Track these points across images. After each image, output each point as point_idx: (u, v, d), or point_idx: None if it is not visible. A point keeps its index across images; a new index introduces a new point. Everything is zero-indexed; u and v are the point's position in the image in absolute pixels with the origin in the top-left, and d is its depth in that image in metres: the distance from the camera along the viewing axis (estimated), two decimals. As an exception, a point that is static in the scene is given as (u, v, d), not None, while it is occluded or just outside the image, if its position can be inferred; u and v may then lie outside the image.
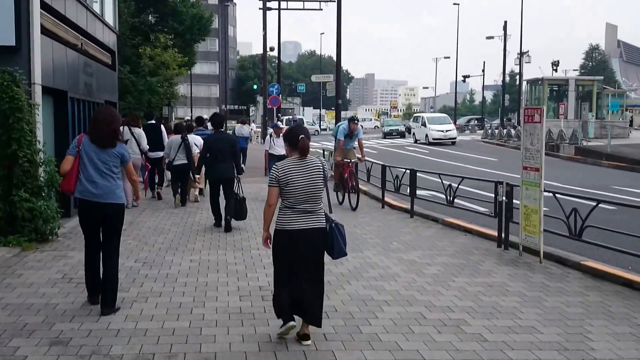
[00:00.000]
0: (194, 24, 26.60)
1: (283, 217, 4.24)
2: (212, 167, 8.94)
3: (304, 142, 4.21)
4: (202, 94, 69.91)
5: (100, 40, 12.60)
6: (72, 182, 4.92)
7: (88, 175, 4.87)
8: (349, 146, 11.82)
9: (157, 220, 9.67)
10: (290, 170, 4.19)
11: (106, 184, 4.88)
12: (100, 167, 4.89)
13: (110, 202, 4.91)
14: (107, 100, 13.09)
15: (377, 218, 10.30)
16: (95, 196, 4.86)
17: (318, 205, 4.28)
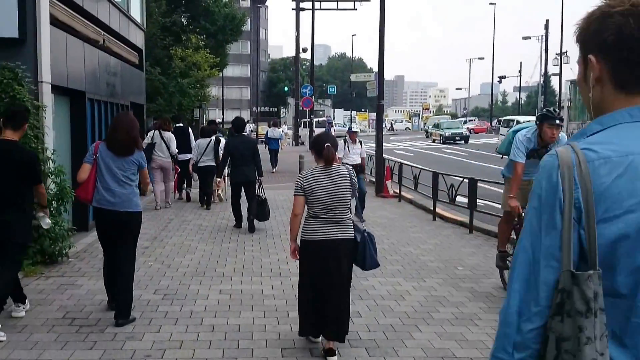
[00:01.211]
0: (226, 24, 25.72)
1: (308, 227, 4.15)
2: (234, 170, 9.02)
3: (329, 151, 4.11)
4: (234, 96, 69.43)
5: (125, 38, 11.64)
6: (89, 190, 4.80)
7: (105, 183, 4.76)
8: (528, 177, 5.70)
9: (184, 236, 8.58)
10: (316, 179, 4.10)
11: (123, 191, 4.78)
12: (118, 175, 4.78)
13: (128, 211, 4.80)
14: (133, 102, 12.13)
15: (431, 233, 9.00)
16: (113, 204, 4.75)
17: (345, 215, 4.12)
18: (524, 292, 1.22)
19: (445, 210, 10.54)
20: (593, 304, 1.14)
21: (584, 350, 1.13)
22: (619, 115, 1.24)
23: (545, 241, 1.20)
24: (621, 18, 1.20)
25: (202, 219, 10.16)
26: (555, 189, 1.19)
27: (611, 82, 1.25)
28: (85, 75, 8.88)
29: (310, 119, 30.33)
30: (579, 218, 1.17)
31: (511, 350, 1.23)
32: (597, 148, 1.19)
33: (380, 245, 7.57)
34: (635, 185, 1.15)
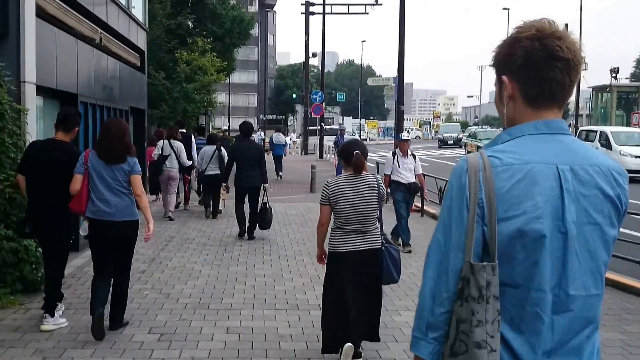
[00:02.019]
0: (233, 28, 24.86)
1: (335, 238, 4.08)
2: (239, 175, 8.84)
3: (357, 158, 4.02)
4: (240, 103, 68.65)
5: (125, 37, 10.76)
6: (82, 202, 4.61)
7: (99, 194, 4.58)
8: None
9: (185, 257, 7.63)
10: (342, 188, 4.03)
11: (119, 201, 4.61)
12: (111, 183, 4.60)
13: (125, 220, 4.64)
14: (133, 107, 11.24)
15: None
16: (109, 215, 4.58)
17: (372, 225, 4.02)
18: (437, 280, 1.41)
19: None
20: (485, 292, 1.32)
21: (475, 331, 1.31)
22: (525, 128, 1.43)
23: (454, 235, 1.39)
24: (528, 41, 1.39)
25: (206, 236, 9.21)
26: (463, 190, 1.38)
27: (522, 98, 1.44)
28: (78, 77, 7.98)
29: (321, 126, 29.41)
30: (483, 216, 1.36)
31: (425, 330, 1.41)
32: (501, 156, 1.39)
33: (406, 269, 6.60)
34: (532, 190, 1.34)
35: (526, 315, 1.35)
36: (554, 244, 1.34)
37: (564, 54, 1.38)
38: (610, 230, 1.40)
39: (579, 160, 1.39)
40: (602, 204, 1.38)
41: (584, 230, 1.36)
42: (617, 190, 1.40)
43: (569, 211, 1.35)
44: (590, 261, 1.38)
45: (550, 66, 1.39)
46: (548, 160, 1.37)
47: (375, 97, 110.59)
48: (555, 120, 1.43)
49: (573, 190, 1.36)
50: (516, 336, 1.36)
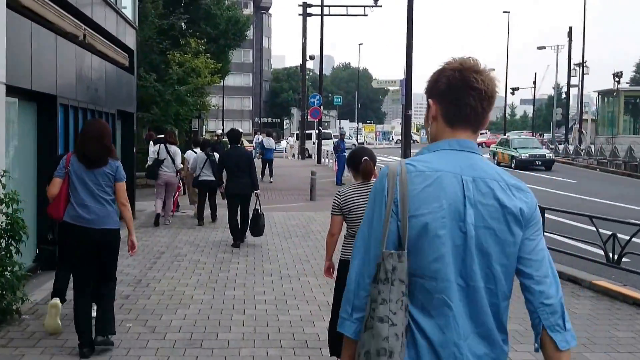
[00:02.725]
0: (229, 29, 24.12)
1: (348, 246, 3.96)
2: (229, 182, 8.84)
3: (366, 165, 3.95)
4: (235, 106, 67.76)
5: (113, 35, 9.95)
6: (60, 207, 4.40)
7: (79, 199, 4.37)
8: None
9: (176, 278, 6.81)
10: (354, 197, 3.92)
11: (100, 207, 4.38)
12: (93, 188, 4.38)
13: (106, 228, 4.38)
14: (121, 110, 10.43)
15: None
16: (88, 222, 4.34)
17: None
18: (361, 267, 1.65)
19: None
20: (390, 275, 1.55)
21: (379, 308, 1.55)
22: (441, 144, 1.70)
23: (375, 228, 1.64)
24: (451, 72, 1.67)
25: (200, 251, 8.40)
26: (383, 190, 1.65)
27: (442, 119, 1.70)
28: (58, 76, 7.17)
29: (319, 130, 28.64)
30: (397, 212, 1.61)
31: (350, 312, 1.65)
32: (416, 164, 1.65)
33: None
34: (439, 194, 1.59)
35: (434, 302, 1.57)
36: (455, 241, 1.58)
37: (478, 85, 1.65)
38: (506, 236, 1.62)
39: (481, 174, 1.64)
40: (497, 213, 1.61)
41: (479, 232, 1.60)
42: (515, 201, 1.63)
43: (469, 214, 1.59)
44: (484, 259, 1.61)
45: (466, 94, 1.65)
46: (455, 171, 1.62)
47: (372, 100, 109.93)
48: (467, 141, 1.69)
49: (473, 197, 1.60)
50: (427, 320, 1.57)
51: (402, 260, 1.56)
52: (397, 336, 1.54)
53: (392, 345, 1.53)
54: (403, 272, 1.55)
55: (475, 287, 1.59)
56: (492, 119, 60.67)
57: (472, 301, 1.59)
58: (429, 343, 1.57)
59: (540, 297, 1.63)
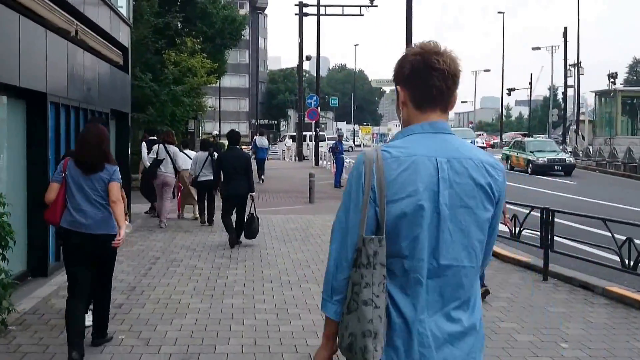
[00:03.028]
0: (225, 28, 23.77)
1: None
2: (226, 184, 8.85)
3: None
4: (231, 108, 67.36)
5: (106, 32, 9.63)
6: (57, 212, 4.36)
7: (76, 204, 4.34)
8: None
9: (172, 285, 6.50)
10: None
11: (97, 212, 4.36)
12: (90, 194, 4.36)
13: (102, 233, 4.35)
14: (115, 110, 10.11)
15: (495, 281, 6.93)
16: (85, 227, 4.32)
17: None
18: (339, 251, 1.73)
19: (504, 248, 8.46)
20: (372, 259, 1.65)
21: (363, 291, 1.64)
22: (414, 128, 1.77)
23: (352, 214, 1.71)
24: (413, 57, 1.76)
25: (197, 256, 8.08)
26: (360, 177, 1.71)
27: (411, 104, 1.78)
28: (48, 73, 6.85)
29: (316, 131, 28.36)
30: (375, 198, 1.68)
31: (330, 294, 1.75)
32: (392, 150, 1.71)
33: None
34: (415, 178, 1.67)
35: (410, 280, 1.68)
36: (432, 222, 1.68)
37: (440, 65, 1.73)
38: (482, 213, 1.72)
39: (455, 154, 1.72)
40: (473, 191, 1.71)
41: (456, 212, 1.69)
42: (489, 179, 1.73)
43: (443, 195, 1.68)
44: (463, 238, 1.70)
45: (430, 75, 1.74)
46: (429, 154, 1.70)
47: (368, 102, 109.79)
48: (439, 122, 1.78)
49: (448, 178, 1.69)
50: (403, 298, 1.68)
51: (383, 244, 1.65)
52: (380, 318, 1.63)
53: (376, 327, 1.63)
54: (383, 256, 1.65)
55: (452, 267, 1.68)
56: (487, 120, 60.76)
57: (446, 279, 1.68)
58: (404, 320, 1.66)
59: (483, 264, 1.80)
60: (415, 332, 1.66)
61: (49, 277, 6.69)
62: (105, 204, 4.37)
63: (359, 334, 1.64)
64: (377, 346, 1.63)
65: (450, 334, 1.68)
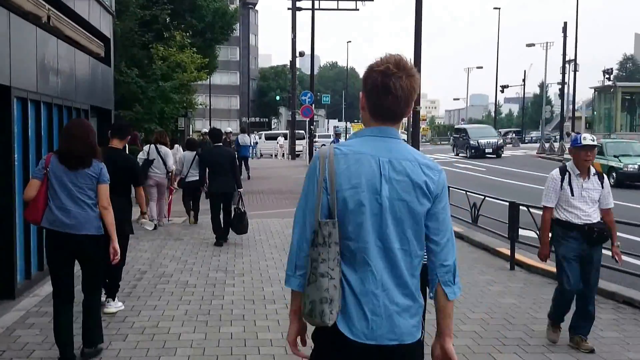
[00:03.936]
0: (215, 21, 22.76)
1: None
2: (211, 181, 8.90)
3: None
4: (222, 105, 66.22)
5: (84, 20, 8.68)
6: (39, 211, 4.09)
7: (59, 202, 4.09)
8: None
9: (160, 307, 5.57)
10: None
11: (80, 212, 4.11)
12: (74, 191, 4.10)
13: (87, 234, 4.11)
14: (95, 106, 9.15)
15: (515, 290, 6.09)
16: (68, 227, 4.07)
17: None
18: (300, 233, 2.04)
19: (525, 255, 7.64)
20: (327, 239, 1.95)
21: (320, 266, 1.95)
22: (366, 131, 2.09)
23: (310, 201, 2.03)
24: (375, 76, 2.02)
25: (188, 270, 7.17)
26: (315, 170, 2.03)
27: (368, 111, 2.09)
28: (13, 64, 5.90)
29: (311, 129, 27.50)
30: (327, 188, 1.99)
31: (294, 270, 2.05)
32: (343, 148, 2.03)
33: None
34: (360, 172, 1.98)
35: (358, 260, 1.98)
36: (373, 211, 1.97)
37: (395, 91, 2.00)
38: (417, 206, 2.00)
39: (397, 156, 2.02)
40: (409, 187, 1.99)
41: (394, 204, 1.98)
42: (424, 178, 2.01)
43: (384, 189, 1.98)
44: (399, 226, 1.99)
45: (385, 98, 2.02)
46: (373, 154, 2.01)
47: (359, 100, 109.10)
48: (388, 128, 2.07)
49: (388, 175, 1.99)
50: (352, 274, 1.98)
51: (336, 227, 1.97)
52: (335, 287, 1.96)
53: (331, 294, 1.95)
54: (337, 236, 1.97)
55: (391, 248, 1.99)
56: (477, 117, 59.15)
57: (389, 259, 1.99)
58: (353, 292, 1.98)
59: (440, 260, 2.05)
60: (365, 303, 1.96)
61: (17, 299, 5.78)
62: (92, 203, 4.15)
63: (317, 301, 1.94)
64: (333, 310, 1.94)
65: (397, 304, 1.98)
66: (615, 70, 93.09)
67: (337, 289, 1.94)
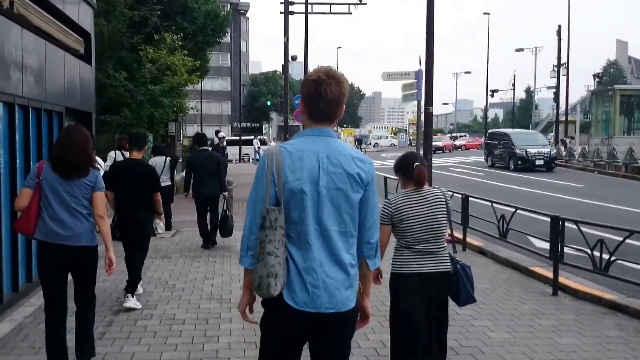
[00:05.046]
0: (207, 24, 21.74)
1: (400, 258, 3.70)
2: (197, 185, 8.94)
3: (419, 171, 3.72)
4: (213, 111, 65.19)
5: (59, 10, 7.62)
6: (31, 221, 3.91)
7: (53, 212, 3.92)
8: None
9: (140, 352, 4.51)
10: (407, 205, 3.67)
11: (76, 222, 3.95)
12: (68, 201, 3.94)
13: (82, 246, 3.95)
14: (71, 108, 8.07)
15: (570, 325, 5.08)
16: (63, 238, 3.90)
17: (441, 244, 3.68)
18: (251, 219, 2.40)
19: (569, 277, 6.66)
20: (274, 223, 2.31)
21: (267, 246, 2.30)
22: (307, 132, 2.48)
23: (259, 191, 2.39)
24: (310, 83, 2.43)
25: (176, 299, 6.09)
26: (264, 165, 2.39)
27: (307, 115, 2.49)
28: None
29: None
30: (274, 180, 2.36)
31: (246, 250, 2.41)
32: (287, 146, 2.41)
33: None
34: (302, 166, 2.36)
35: (301, 240, 2.35)
36: (313, 199, 2.35)
37: (327, 95, 2.41)
38: (351, 194, 2.40)
39: (333, 151, 2.41)
40: (344, 178, 2.39)
41: (331, 192, 2.37)
42: (357, 169, 2.42)
43: (322, 180, 2.36)
44: (336, 211, 2.38)
45: (319, 101, 2.43)
46: (313, 150, 2.40)
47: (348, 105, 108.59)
48: (324, 129, 2.46)
49: (326, 168, 2.38)
50: (296, 251, 2.35)
51: (281, 213, 2.33)
52: (280, 264, 2.30)
53: (276, 270, 2.29)
54: (282, 221, 2.33)
55: (328, 230, 2.36)
56: (464, 122, 57.18)
57: (326, 239, 2.36)
58: (297, 268, 2.34)
59: (367, 237, 2.47)
60: (306, 278, 2.33)
61: (8, 310, 4.81)
62: (87, 213, 3.99)
63: (264, 276, 2.30)
64: (277, 283, 2.30)
65: (334, 278, 2.35)
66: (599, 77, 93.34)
67: (281, 265, 2.29)
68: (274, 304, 2.32)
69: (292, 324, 2.33)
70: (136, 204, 5.76)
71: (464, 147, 63.33)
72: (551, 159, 25.64)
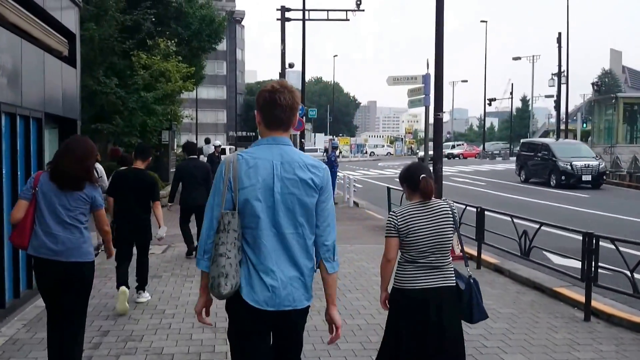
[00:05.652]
0: (202, 29, 21.16)
1: (403, 273, 3.55)
2: (184, 194, 8.96)
3: (426, 183, 3.57)
4: (209, 119, 64.54)
5: (39, 6, 6.98)
6: (26, 234, 3.78)
7: (46, 226, 3.78)
8: None
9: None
10: (412, 217, 3.54)
11: (70, 237, 3.79)
12: (62, 215, 3.80)
13: (74, 261, 3.80)
14: (51, 113, 7.41)
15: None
16: (55, 253, 3.76)
17: (446, 258, 3.54)
18: (209, 224, 2.59)
19: (600, 300, 6.03)
20: (227, 226, 2.51)
21: (220, 248, 2.49)
22: (263, 141, 2.67)
23: (216, 197, 2.59)
24: (265, 92, 2.66)
25: (165, 328, 5.42)
26: (222, 172, 2.59)
27: (262, 124, 2.68)
28: None
29: (301, 143, 25.93)
30: (230, 187, 2.55)
31: (203, 254, 2.60)
32: (244, 155, 2.61)
33: None
34: (257, 173, 2.55)
35: (257, 243, 2.53)
36: (268, 203, 2.53)
37: (281, 102, 2.61)
38: (305, 198, 2.57)
39: (287, 159, 2.59)
40: (297, 184, 2.56)
41: (286, 197, 2.55)
42: (310, 175, 2.59)
43: (276, 186, 2.54)
44: (291, 215, 2.56)
45: (272, 109, 2.63)
46: (268, 158, 2.58)
47: (344, 114, 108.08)
48: (280, 137, 2.65)
49: (280, 175, 2.55)
50: (253, 255, 2.54)
51: (234, 217, 2.51)
52: (231, 265, 2.48)
53: (227, 270, 2.47)
54: (236, 224, 2.51)
55: (284, 233, 2.55)
56: (460, 131, 56.69)
57: (282, 242, 2.55)
58: (255, 270, 2.53)
59: (322, 240, 2.64)
60: (265, 278, 2.52)
61: (13, 312, 4.24)
62: (82, 227, 3.85)
63: (216, 276, 2.48)
64: (228, 283, 2.48)
65: (291, 277, 2.55)
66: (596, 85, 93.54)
67: (232, 266, 2.49)
68: (237, 305, 2.54)
69: (254, 322, 2.55)
70: (141, 210, 6.27)
71: (462, 156, 63.08)
72: (599, 174, 21.93)
